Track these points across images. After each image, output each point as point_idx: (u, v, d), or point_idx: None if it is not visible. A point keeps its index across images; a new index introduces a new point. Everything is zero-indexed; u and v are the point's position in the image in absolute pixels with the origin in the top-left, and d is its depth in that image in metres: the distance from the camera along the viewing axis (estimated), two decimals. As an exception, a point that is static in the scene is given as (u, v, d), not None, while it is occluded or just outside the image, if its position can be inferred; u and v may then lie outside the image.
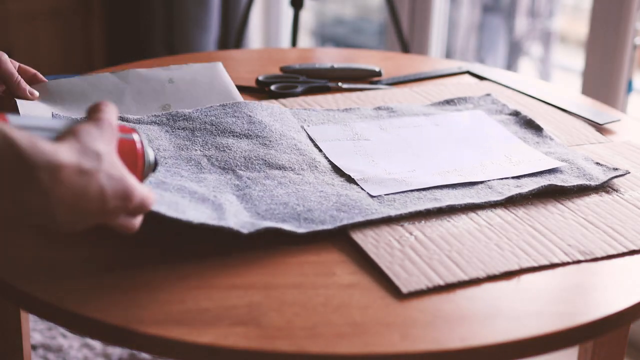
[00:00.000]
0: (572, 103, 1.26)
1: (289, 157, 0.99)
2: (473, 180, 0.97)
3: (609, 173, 1.00)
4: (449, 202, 0.92)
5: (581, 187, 0.97)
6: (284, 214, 0.87)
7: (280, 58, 1.46)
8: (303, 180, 0.95)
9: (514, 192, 0.95)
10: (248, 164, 0.97)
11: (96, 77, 1.15)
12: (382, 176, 0.98)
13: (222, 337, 0.70)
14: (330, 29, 3.59)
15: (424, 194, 0.94)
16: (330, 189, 0.93)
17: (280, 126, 1.06)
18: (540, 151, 1.06)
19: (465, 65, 1.43)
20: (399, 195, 0.93)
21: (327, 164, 1.00)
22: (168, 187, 0.87)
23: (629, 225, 0.91)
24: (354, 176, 0.97)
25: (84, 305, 0.74)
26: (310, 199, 0.90)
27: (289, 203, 0.89)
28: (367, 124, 1.13)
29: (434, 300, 0.77)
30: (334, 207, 0.89)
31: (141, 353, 1.78)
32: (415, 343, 0.71)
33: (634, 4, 1.85)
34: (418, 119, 1.15)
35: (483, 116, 1.17)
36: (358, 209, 0.89)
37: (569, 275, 0.82)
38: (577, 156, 1.04)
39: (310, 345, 0.70)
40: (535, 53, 3.08)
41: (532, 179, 0.98)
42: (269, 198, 0.90)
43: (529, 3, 3.00)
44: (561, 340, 0.74)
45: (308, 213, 0.87)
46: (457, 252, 0.84)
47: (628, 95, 1.92)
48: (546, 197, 0.96)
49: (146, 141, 0.79)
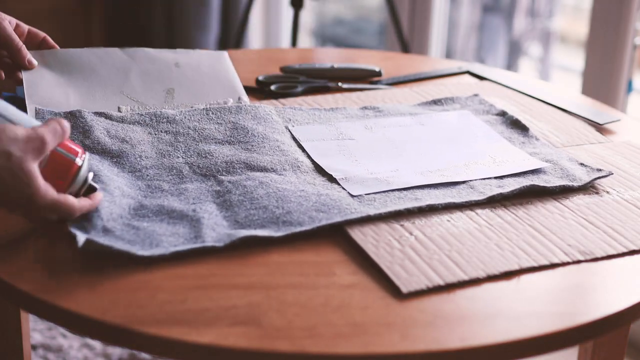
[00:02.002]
0: (572, 103, 1.26)
1: (271, 159, 1.00)
2: (455, 180, 0.97)
3: (593, 174, 1.00)
4: (430, 202, 0.92)
5: (563, 187, 0.97)
6: (262, 219, 0.87)
7: (280, 58, 1.46)
8: (285, 180, 0.95)
9: (496, 192, 0.95)
10: (229, 168, 0.97)
11: (105, 52, 1.16)
12: (364, 176, 0.98)
13: (222, 337, 0.70)
14: (330, 29, 3.59)
15: (405, 194, 0.94)
16: (312, 188, 0.93)
17: (264, 129, 1.06)
18: (526, 151, 1.06)
19: (465, 65, 1.43)
20: (379, 195, 0.93)
21: (310, 164, 1.01)
22: (147, 213, 0.87)
23: (629, 225, 0.91)
24: (336, 176, 0.97)
25: (84, 305, 0.74)
26: (290, 199, 0.90)
27: (269, 206, 0.89)
28: (352, 123, 1.13)
29: (434, 300, 0.77)
30: (313, 208, 0.89)
31: (141, 353, 1.78)
32: (415, 343, 0.71)
33: (634, 4, 1.85)
34: (404, 118, 1.15)
35: (469, 116, 1.17)
36: (337, 209, 0.89)
37: (569, 275, 0.82)
38: (562, 157, 1.04)
39: (310, 346, 0.70)
40: (535, 53, 3.08)
41: (515, 179, 0.98)
42: (248, 202, 0.90)
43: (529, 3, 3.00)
44: (561, 340, 0.74)
45: (287, 215, 0.87)
46: (457, 252, 0.84)
47: (628, 95, 1.92)
48: (546, 197, 0.96)
49: (87, 167, 0.86)
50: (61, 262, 0.80)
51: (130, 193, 0.90)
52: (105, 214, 0.85)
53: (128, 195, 0.90)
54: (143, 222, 0.85)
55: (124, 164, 0.96)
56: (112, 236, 0.82)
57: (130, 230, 0.84)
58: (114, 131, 1.01)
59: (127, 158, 0.97)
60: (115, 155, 0.97)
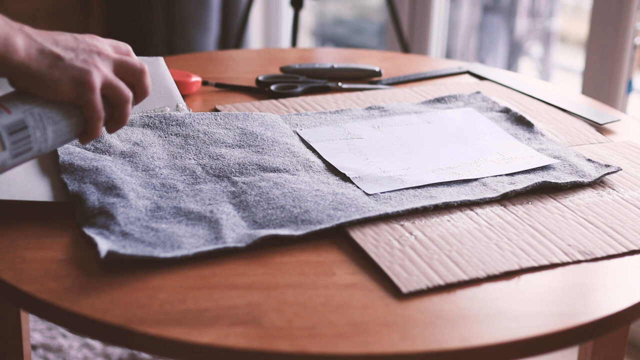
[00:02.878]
0: (572, 103, 1.26)
1: (282, 160, 1.00)
2: (468, 178, 0.98)
3: (601, 170, 1.00)
4: (445, 200, 0.92)
5: (574, 183, 0.97)
6: (281, 218, 0.87)
7: (280, 58, 1.46)
8: (299, 180, 0.95)
9: (508, 189, 0.95)
10: (242, 169, 0.97)
11: None
12: (377, 174, 0.98)
13: (222, 337, 0.70)
14: (330, 29, 3.59)
15: (420, 192, 0.94)
16: (326, 187, 0.94)
17: (272, 133, 1.07)
18: (532, 147, 1.07)
19: (465, 65, 1.43)
20: (394, 193, 0.94)
21: (322, 164, 1.01)
22: (164, 215, 0.87)
23: (629, 225, 0.91)
24: (349, 175, 0.97)
25: (83, 305, 0.74)
26: (306, 199, 0.90)
27: (286, 206, 0.89)
28: (359, 123, 1.13)
29: (434, 300, 0.77)
30: (330, 206, 0.89)
31: (141, 353, 1.78)
32: (415, 343, 0.71)
33: (634, 4, 1.85)
34: (410, 117, 1.15)
35: (474, 113, 1.17)
36: (355, 207, 0.89)
37: (569, 275, 0.82)
38: (569, 153, 1.05)
39: (310, 345, 0.70)
40: (535, 53, 3.08)
41: (526, 176, 0.98)
42: (265, 202, 0.90)
43: (529, 3, 3.00)
44: (561, 340, 0.74)
45: (305, 214, 0.87)
46: (457, 252, 0.84)
47: (628, 95, 1.92)
48: (546, 197, 0.96)
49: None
50: (61, 262, 0.80)
51: (146, 194, 0.90)
52: (122, 219, 0.84)
53: (143, 197, 0.89)
54: (161, 224, 0.85)
55: (137, 163, 0.96)
56: (131, 239, 0.82)
57: (149, 232, 0.83)
58: (124, 134, 1.02)
59: (139, 158, 0.97)
60: (127, 156, 0.98)
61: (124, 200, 0.87)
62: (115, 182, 0.90)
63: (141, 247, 0.80)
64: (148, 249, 0.80)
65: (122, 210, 0.85)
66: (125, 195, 0.88)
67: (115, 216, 0.84)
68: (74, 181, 0.91)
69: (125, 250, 0.79)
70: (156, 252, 0.80)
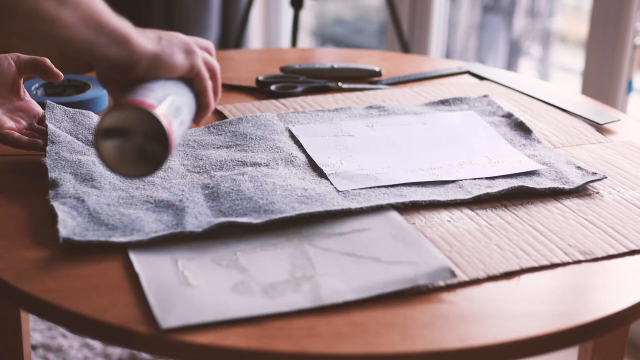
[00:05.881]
0: (572, 103, 1.26)
1: (264, 155, 1.01)
2: (445, 179, 0.97)
3: (586, 177, 0.99)
4: (414, 199, 0.92)
5: (554, 190, 0.97)
6: (245, 208, 0.88)
7: (280, 58, 1.46)
8: (275, 174, 0.96)
9: (483, 191, 0.95)
10: (223, 165, 0.99)
11: None
12: (353, 172, 0.98)
13: (222, 337, 0.70)
14: (330, 29, 3.59)
15: (391, 190, 0.94)
16: (300, 182, 0.94)
17: (262, 132, 1.07)
18: (525, 153, 1.06)
19: (465, 65, 1.43)
20: (365, 191, 0.94)
21: (305, 159, 1.01)
22: (134, 202, 0.89)
23: (629, 225, 0.91)
24: (326, 170, 0.98)
25: (83, 305, 0.74)
26: (275, 192, 0.91)
27: (253, 197, 0.90)
28: (353, 121, 1.13)
29: (433, 300, 0.77)
30: (296, 200, 0.90)
31: (141, 353, 1.78)
32: (415, 343, 0.71)
33: (634, 4, 1.85)
34: (407, 117, 1.15)
35: (474, 117, 1.17)
36: (320, 202, 0.90)
37: (569, 275, 0.82)
38: (560, 160, 1.04)
39: (310, 345, 0.70)
40: (535, 53, 3.08)
41: (506, 180, 0.98)
42: (235, 194, 0.91)
43: (529, 3, 3.00)
44: (561, 340, 0.74)
45: (269, 205, 0.88)
46: (457, 252, 0.84)
47: (628, 95, 1.92)
48: (546, 197, 0.96)
49: None
50: (61, 262, 0.80)
51: (122, 186, 0.92)
52: (92, 203, 0.87)
53: (119, 189, 0.92)
54: (129, 210, 0.87)
55: None
56: (97, 222, 0.84)
57: (115, 215, 0.86)
58: None
59: None
60: None
61: (98, 191, 0.90)
62: (94, 175, 0.93)
63: (102, 231, 0.83)
64: (107, 233, 0.83)
65: (94, 198, 0.88)
66: (101, 187, 0.91)
67: (86, 201, 0.88)
68: (55, 169, 0.94)
69: (81, 237, 0.82)
70: (114, 237, 0.82)
